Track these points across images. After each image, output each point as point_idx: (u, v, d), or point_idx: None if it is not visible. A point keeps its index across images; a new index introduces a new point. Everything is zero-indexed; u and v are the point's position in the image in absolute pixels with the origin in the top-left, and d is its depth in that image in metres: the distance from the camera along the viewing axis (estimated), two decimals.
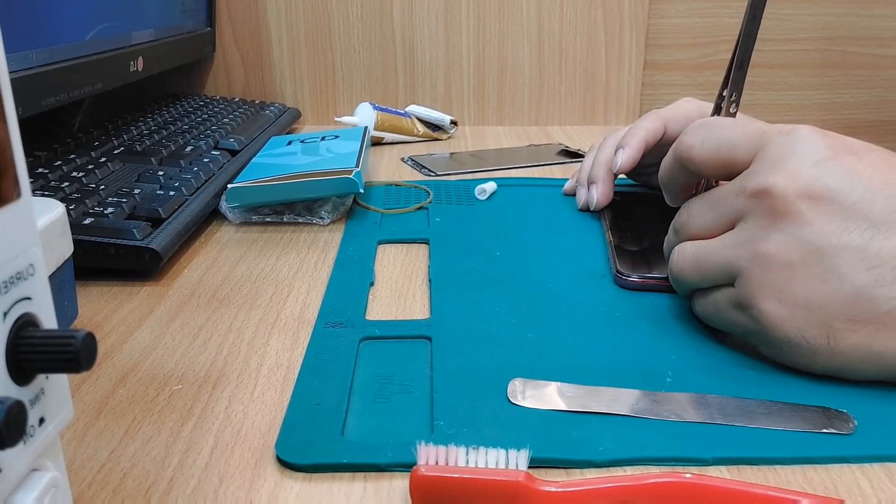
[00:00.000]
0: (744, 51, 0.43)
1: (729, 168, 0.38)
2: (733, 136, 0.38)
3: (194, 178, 0.59)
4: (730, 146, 0.38)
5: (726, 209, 0.37)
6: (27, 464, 0.21)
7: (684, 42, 1.00)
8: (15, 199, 0.21)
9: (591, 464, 0.31)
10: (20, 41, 0.53)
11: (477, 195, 0.65)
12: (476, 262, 0.50)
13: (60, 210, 0.38)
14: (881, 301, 0.33)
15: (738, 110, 0.45)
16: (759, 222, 0.35)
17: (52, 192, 0.52)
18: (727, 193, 0.37)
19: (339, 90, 0.98)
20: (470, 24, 0.95)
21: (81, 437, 0.33)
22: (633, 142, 0.58)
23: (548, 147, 0.85)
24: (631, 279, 0.47)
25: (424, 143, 0.88)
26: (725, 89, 0.44)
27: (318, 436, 0.32)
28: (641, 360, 0.38)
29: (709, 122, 0.40)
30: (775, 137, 0.36)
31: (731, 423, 0.33)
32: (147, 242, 0.47)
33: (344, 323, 0.42)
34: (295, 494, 0.29)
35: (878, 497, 0.29)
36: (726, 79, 0.44)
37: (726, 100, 0.44)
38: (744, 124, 0.39)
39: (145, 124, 0.75)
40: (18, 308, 0.21)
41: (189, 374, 0.37)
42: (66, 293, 0.40)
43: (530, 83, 0.98)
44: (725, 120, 0.40)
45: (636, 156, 0.57)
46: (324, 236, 0.56)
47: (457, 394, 0.35)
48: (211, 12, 0.94)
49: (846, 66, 1.03)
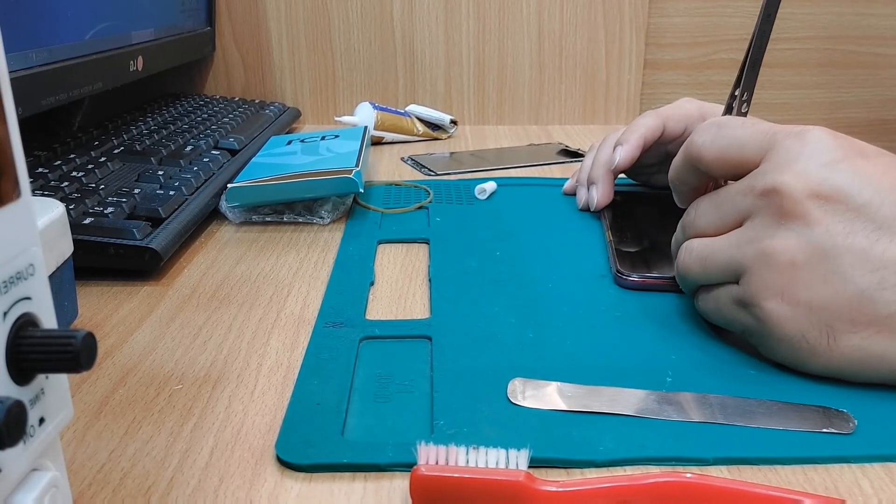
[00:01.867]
0: (757, 50, 0.42)
1: (738, 168, 0.38)
2: (743, 136, 0.38)
3: (194, 178, 0.58)
4: (739, 146, 0.38)
5: (733, 208, 0.37)
6: (27, 464, 0.21)
7: (684, 42, 1.00)
8: (15, 199, 0.21)
9: (592, 464, 0.31)
10: (20, 41, 0.53)
11: (477, 195, 0.65)
12: (476, 262, 0.50)
13: (60, 210, 0.38)
14: (882, 304, 0.33)
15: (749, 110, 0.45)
16: (766, 221, 0.35)
17: (52, 192, 0.52)
18: (735, 192, 0.37)
19: (339, 90, 0.98)
20: (470, 23, 0.95)
21: (81, 437, 0.33)
22: (632, 139, 0.58)
23: (548, 147, 0.85)
24: (631, 279, 0.47)
25: (424, 143, 0.88)
26: (737, 88, 0.44)
27: (318, 436, 0.32)
28: (642, 359, 0.38)
29: (719, 121, 0.40)
30: (785, 138, 0.36)
31: (732, 423, 0.33)
32: (147, 242, 0.47)
33: (344, 323, 0.42)
34: (295, 494, 0.29)
35: (878, 497, 0.29)
36: (739, 78, 0.43)
37: (738, 99, 0.44)
38: (754, 124, 0.38)
39: (145, 124, 0.75)
40: (18, 308, 0.21)
41: (189, 374, 0.37)
42: (66, 293, 0.40)
43: (530, 83, 0.98)
44: (736, 119, 0.40)
45: (635, 153, 0.58)
46: (324, 236, 0.56)
47: (457, 394, 0.35)
48: (211, 12, 0.94)
49: (847, 66, 1.03)
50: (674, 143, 0.60)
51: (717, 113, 0.60)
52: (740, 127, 0.38)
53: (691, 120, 0.59)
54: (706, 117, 0.60)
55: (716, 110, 0.60)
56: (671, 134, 0.59)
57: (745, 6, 0.99)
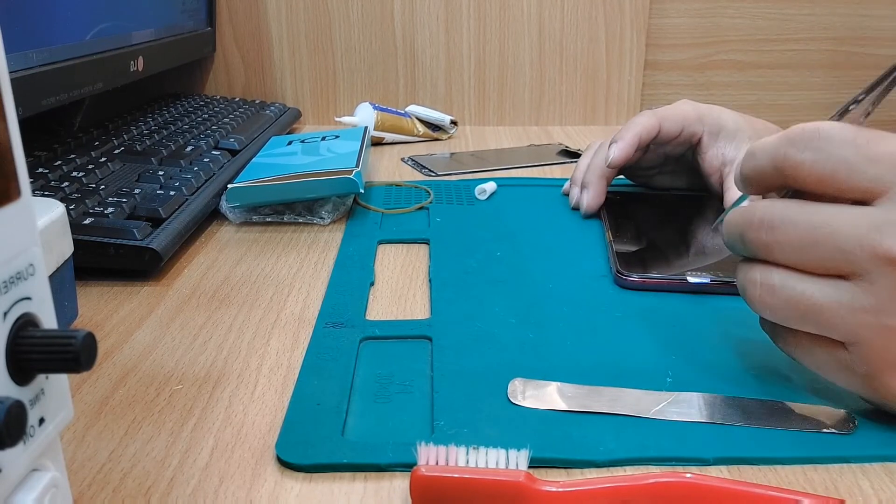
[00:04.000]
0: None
1: (843, 194, 0.31)
2: (855, 160, 0.31)
3: (194, 178, 0.58)
4: (848, 171, 0.31)
5: (842, 257, 0.31)
6: (27, 464, 0.21)
7: (685, 42, 1.00)
8: (15, 199, 0.21)
9: (592, 464, 0.31)
10: (20, 41, 0.53)
11: (477, 195, 0.65)
12: (476, 262, 0.50)
13: (60, 210, 0.38)
14: None
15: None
16: (893, 294, 0.30)
17: (52, 192, 0.52)
18: (847, 238, 0.30)
19: (340, 90, 0.98)
20: (470, 23, 0.95)
21: (81, 437, 0.33)
22: (627, 136, 0.57)
23: (548, 147, 0.85)
24: (631, 279, 0.47)
25: (424, 143, 0.88)
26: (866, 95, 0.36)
27: (318, 436, 0.32)
28: (641, 359, 0.38)
29: (824, 134, 0.32)
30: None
31: (732, 423, 0.33)
32: (147, 242, 0.47)
33: (344, 323, 0.42)
34: (295, 494, 0.29)
35: (878, 497, 0.29)
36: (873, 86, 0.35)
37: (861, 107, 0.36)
38: (867, 144, 0.31)
39: (145, 124, 0.75)
40: (18, 308, 0.21)
41: (189, 374, 0.37)
42: (66, 293, 0.40)
43: (530, 83, 0.98)
44: (844, 133, 0.32)
45: (629, 150, 0.57)
46: (324, 236, 0.56)
47: (457, 394, 0.35)
48: (211, 12, 0.94)
49: (848, 67, 1.03)
50: (672, 145, 0.60)
51: (714, 115, 0.60)
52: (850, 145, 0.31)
53: (688, 121, 0.59)
54: (703, 119, 0.59)
55: (713, 112, 0.60)
56: (667, 134, 0.59)
57: (745, 7, 0.99)
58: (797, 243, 0.32)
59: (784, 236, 0.32)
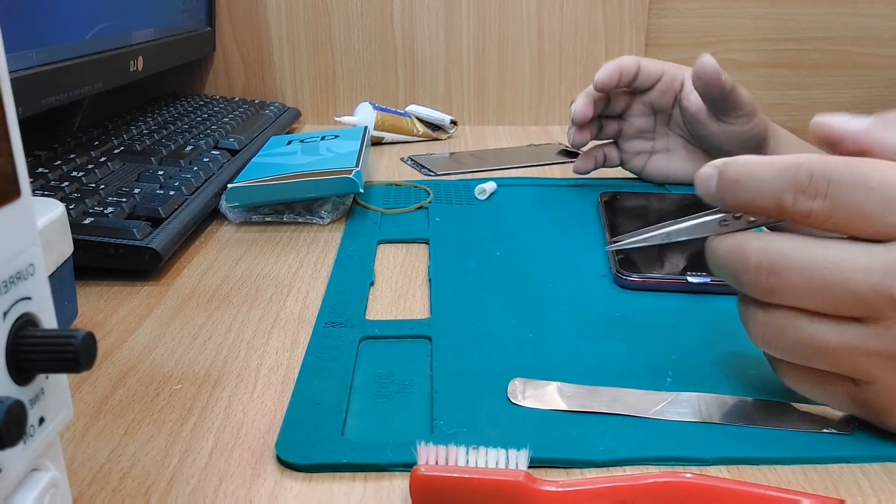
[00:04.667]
0: None
1: (855, 235, 0.29)
2: (871, 208, 0.28)
3: (194, 178, 0.58)
4: (863, 219, 0.29)
5: (854, 301, 0.29)
6: (27, 464, 0.21)
7: (684, 42, 1.00)
8: (15, 199, 0.21)
9: (591, 464, 0.31)
10: (20, 41, 0.53)
11: (477, 195, 0.65)
12: (476, 262, 0.50)
13: (60, 210, 0.38)
14: None
15: None
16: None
17: (52, 192, 0.52)
18: (860, 284, 0.28)
19: (339, 90, 0.98)
20: (470, 23, 0.95)
21: (81, 436, 0.33)
22: (608, 64, 0.63)
23: (548, 147, 0.85)
24: (631, 279, 0.47)
25: (424, 143, 0.88)
26: None
27: (318, 436, 0.32)
28: (641, 359, 0.38)
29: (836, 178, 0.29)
30: None
31: (732, 423, 0.33)
32: (147, 242, 0.47)
33: (344, 323, 0.42)
34: (295, 494, 0.29)
35: (878, 497, 0.29)
36: None
37: None
38: (880, 186, 0.28)
39: (145, 124, 0.75)
40: (18, 308, 0.21)
41: (189, 374, 0.37)
42: (66, 293, 0.40)
43: (530, 83, 0.98)
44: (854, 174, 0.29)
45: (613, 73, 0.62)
46: (324, 236, 0.56)
47: (457, 394, 0.35)
48: (211, 12, 0.94)
49: (847, 66, 1.03)
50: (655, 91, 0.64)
51: None
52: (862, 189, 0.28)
53: (668, 68, 0.64)
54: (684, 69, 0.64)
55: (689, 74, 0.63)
56: (648, 74, 0.63)
57: (745, 6, 0.99)
58: (804, 289, 0.29)
59: (788, 282, 0.29)
